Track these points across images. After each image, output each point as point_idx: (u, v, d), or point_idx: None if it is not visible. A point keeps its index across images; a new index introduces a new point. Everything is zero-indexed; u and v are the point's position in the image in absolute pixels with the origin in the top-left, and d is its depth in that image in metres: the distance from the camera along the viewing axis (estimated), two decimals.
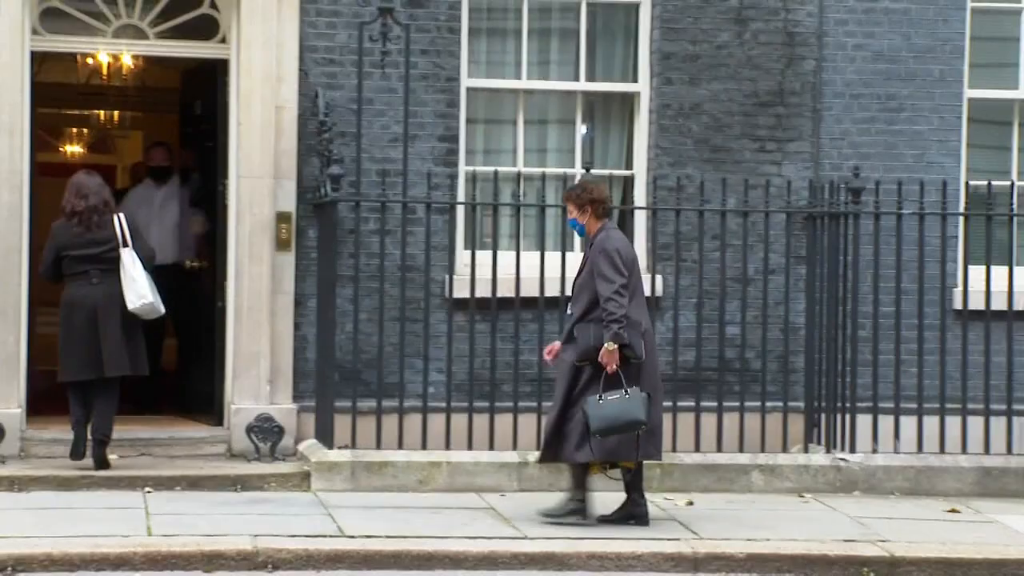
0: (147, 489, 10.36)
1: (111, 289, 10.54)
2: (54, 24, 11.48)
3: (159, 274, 12.01)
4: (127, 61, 14.40)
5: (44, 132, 16.55)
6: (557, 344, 9.87)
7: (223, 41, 11.62)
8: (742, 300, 11.46)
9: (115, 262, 10.58)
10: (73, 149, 19.46)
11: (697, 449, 11.16)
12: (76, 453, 10.68)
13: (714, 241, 11.53)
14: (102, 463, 10.62)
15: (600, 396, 9.41)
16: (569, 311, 9.81)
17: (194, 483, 10.51)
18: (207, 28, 11.65)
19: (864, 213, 11.40)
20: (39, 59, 11.84)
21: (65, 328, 10.63)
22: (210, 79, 11.85)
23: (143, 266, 10.62)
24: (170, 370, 13.24)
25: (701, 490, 10.91)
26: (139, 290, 10.53)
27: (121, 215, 10.78)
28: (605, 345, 9.41)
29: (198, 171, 12.52)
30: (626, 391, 9.40)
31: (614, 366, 9.43)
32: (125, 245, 10.61)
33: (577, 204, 9.78)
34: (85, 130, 19.38)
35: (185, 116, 13.08)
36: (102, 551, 8.62)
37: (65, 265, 10.65)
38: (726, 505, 10.55)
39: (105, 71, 15.33)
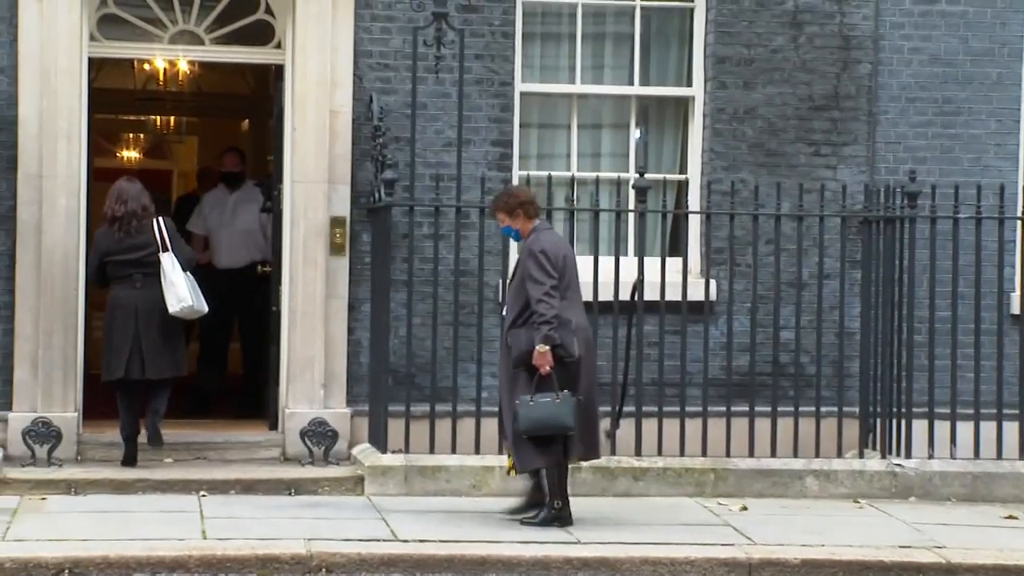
0: (202, 493, 10.41)
1: (153, 292, 10.73)
2: (111, 30, 11.56)
3: (229, 278, 12.30)
4: (183, 67, 14.50)
5: (101, 137, 16.70)
6: None
7: (278, 46, 11.67)
8: (796, 304, 11.41)
9: (156, 266, 10.75)
10: (129, 154, 19.62)
11: (751, 454, 11.11)
12: (128, 462, 10.86)
13: (768, 245, 11.48)
14: (156, 438, 10.80)
15: (531, 397, 9.43)
16: (504, 315, 9.84)
17: (248, 487, 10.56)
18: (263, 33, 11.71)
19: (920, 217, 11.32)
20: (96, 65, 11.94)
21: (108, 329, 10.86)
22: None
23: (182, 268, 10.77)
24: (237, 373, 13.37)
25: (755, 495, 10.87)
26: (179, 294, 10.69)
27: (161, 219, 10.94)
28: (537, 347, 9.44)
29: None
30: (557, 395, 9.43)
31: (547, 368, 9.45)
32: (165, 249, 10.77)
33: (507, 211, 9.85)
34: (141, 135, 19.53)
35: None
36: (157, 554, 8.67)
37: (109, 270, 10.86)
38: (780, 510, 10.50)
39: (161, 77, 15.45)
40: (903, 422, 11.22)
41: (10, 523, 9.39)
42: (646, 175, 11.18)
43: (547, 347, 9.42)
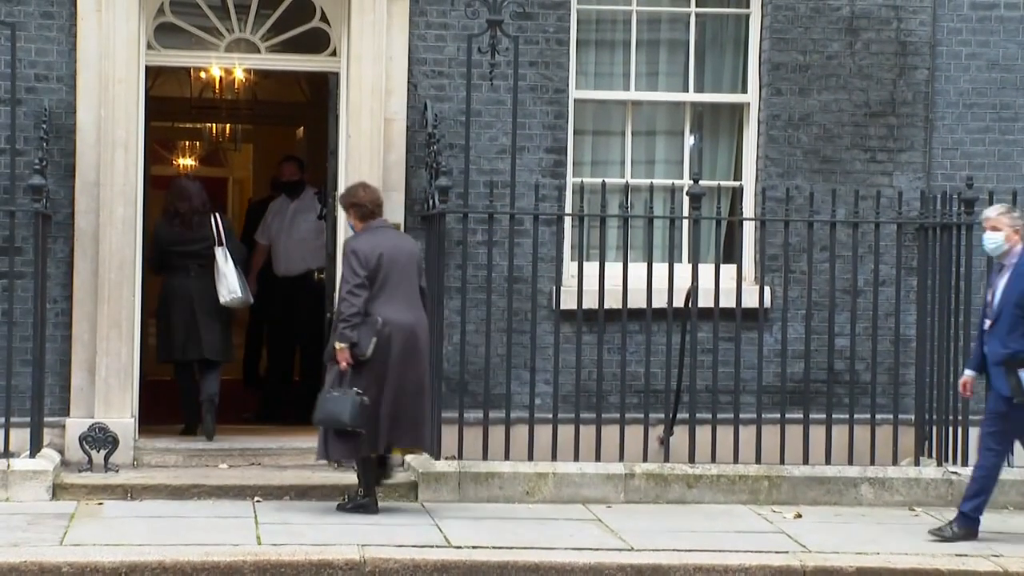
0: (256, 498, 10.46)
1: (206, 282, 11.59)
2: (168, 39, 11.64)
3: (287, 286, 12.65)
4: (239, 75, 14.57)
5: (157, 145, 16.80)
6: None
7: (334, 54, 11.72)
8: (851, 311, 11.35)
9: (210, 258, 11.59)
10: (185, 162, 19.73)
11: (805, 461, 11.07)
12: (188, 431, 11.66)
13: (823, 252, 11.45)
14: (210, 431, 11.47)
15: (327, 392, 9.82)
16: None
17: (302, 492, 10.60)
18: (318, 41, 11.76)
19: (977, 224, 11.23)
20: (153, 73, 12.01)
21: (163, 314, 11.73)
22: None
23: (234, 263, 11.58)
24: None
25: (810, 503, 10.82)
26: (230, 285, 11.54)
27: (217, 215, 11.77)
28: (335, 344, 9.82)
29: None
30: (344, 391, 9.75)
31: (344, 364, 9.79)
32: (219, 244, 11.58)
33: (344, 206, 10.33)
34: (197, 143, 19.64)
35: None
36: (212, 560, 8.73)
37: (167, 260, 11.72)
38: (835, 518, 10.45)
39: (217, 85, 15.52)
40: (959, 429, 11.16)
41: (67, 528, 9.48)
42: (700, 182, 11.16)
43: (342, 344, 9.77)
